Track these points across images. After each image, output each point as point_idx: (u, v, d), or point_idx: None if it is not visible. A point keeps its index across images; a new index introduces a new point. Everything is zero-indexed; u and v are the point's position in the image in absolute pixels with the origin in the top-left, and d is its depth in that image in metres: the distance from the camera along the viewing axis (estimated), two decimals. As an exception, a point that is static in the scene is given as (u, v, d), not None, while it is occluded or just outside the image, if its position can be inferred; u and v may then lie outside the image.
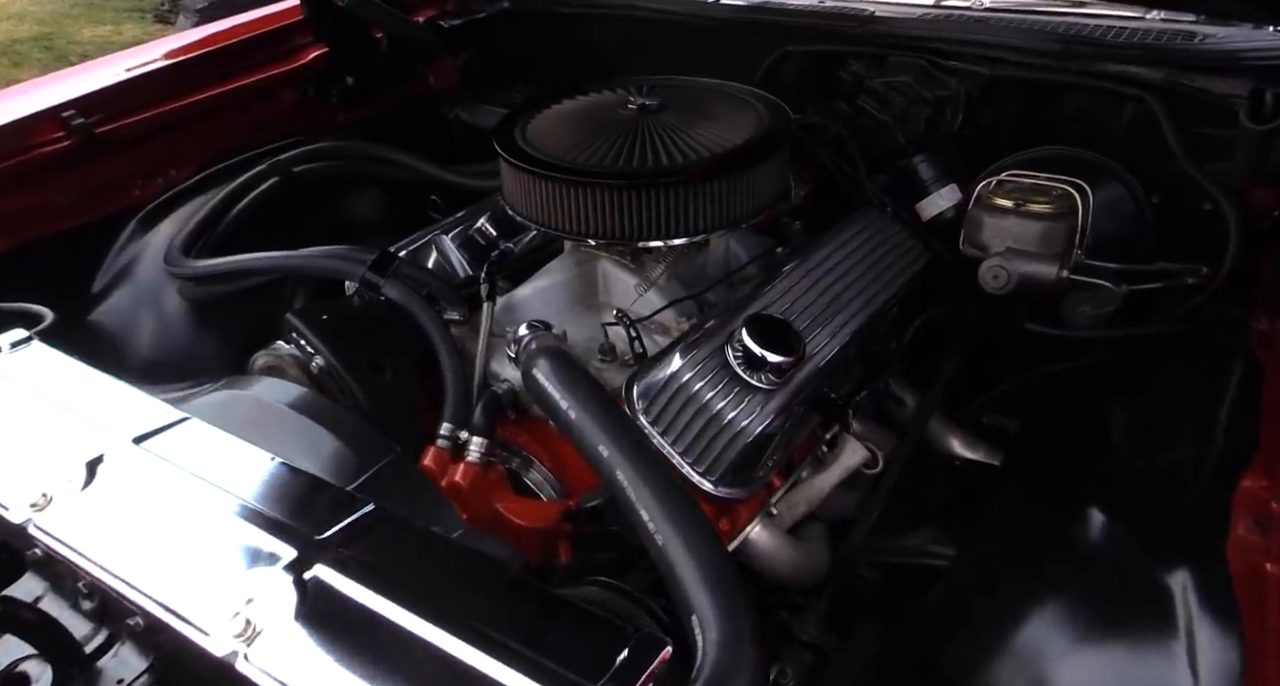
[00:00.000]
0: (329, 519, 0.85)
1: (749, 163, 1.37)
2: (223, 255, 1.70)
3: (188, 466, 0.95)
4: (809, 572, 1.37)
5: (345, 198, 2.04)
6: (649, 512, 0.88)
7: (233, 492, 0.90)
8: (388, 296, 1.39)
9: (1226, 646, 0.84)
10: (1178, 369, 1.27)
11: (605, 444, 0.94)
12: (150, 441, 0.99)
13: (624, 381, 1.31)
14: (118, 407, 1.06)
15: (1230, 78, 1.43)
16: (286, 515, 0.87)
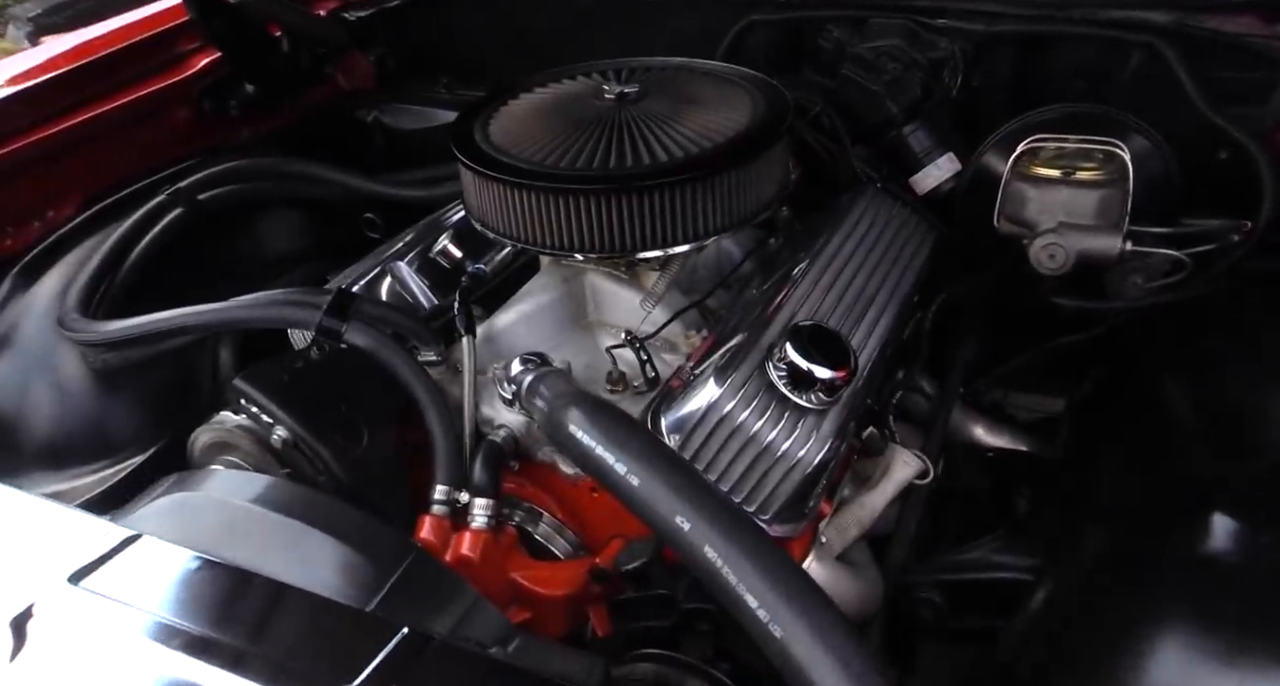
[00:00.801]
0: (357, 657, 0.65)
1: (754, 152, 1.20)
2: (128, 310, 1.44)
3: (151, 606, 0.73)
4: (872, 603, 1.22)
5: (263, 225, 1.79)
6: (758, 597, 0.71)
7: (223, 637, 0.69)
8: (352, 344, 1.16)
9: None
10: (1247, 337, 1.17)
11: (685, 514, 0.76)
12: (93, 576, 0.76)
13: (640, 413, 1.13)
14: (38, 531, 0.83)
15: (1246, 16, 1.33)
16: (303, 658, 0.67)
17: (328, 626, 0.71)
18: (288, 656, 0.69)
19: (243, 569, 0.74)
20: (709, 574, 0.75)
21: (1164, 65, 1.41)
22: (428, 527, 1.12)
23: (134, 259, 1.55)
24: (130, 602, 0.73)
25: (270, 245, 1.79)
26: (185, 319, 1.18)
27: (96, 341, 1.26)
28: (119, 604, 0.74)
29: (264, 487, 0.92)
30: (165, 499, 0.88)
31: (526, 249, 1.29)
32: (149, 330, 1.19)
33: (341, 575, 0.79)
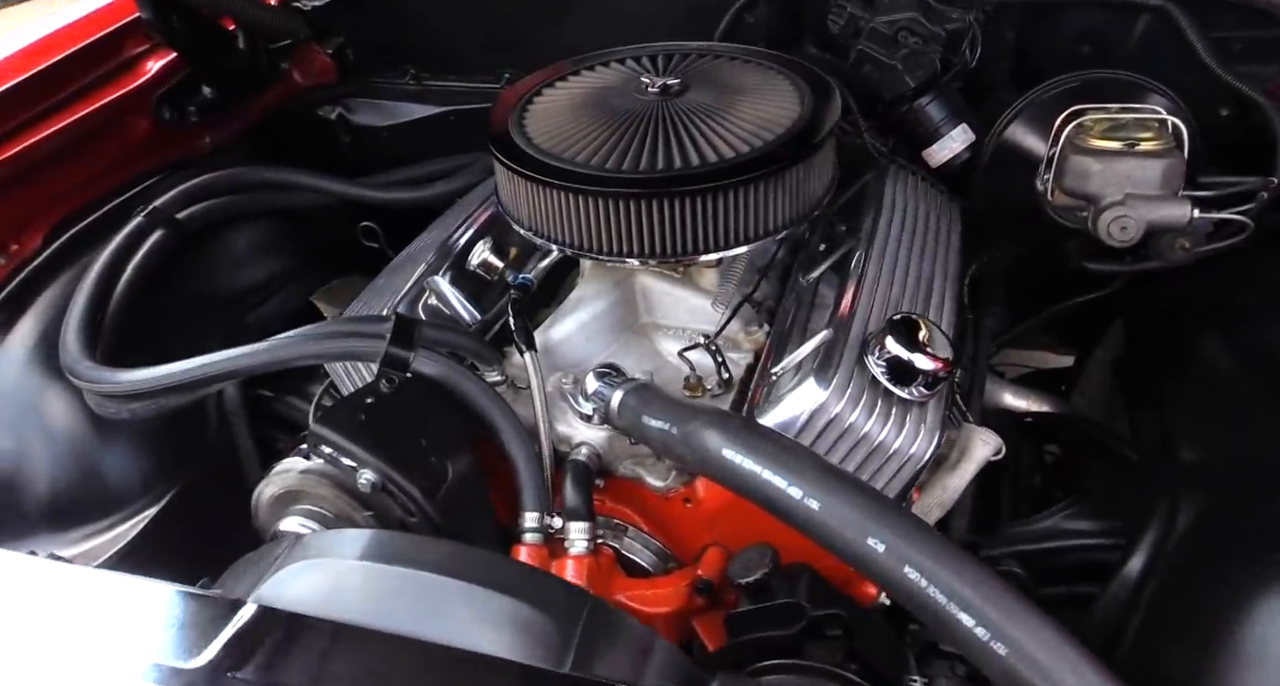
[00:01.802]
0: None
1: (815, 146, 1.17)
2: (125, 350, 1.32)
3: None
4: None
5: (250, 240, 1.66)
6: (974, 615, 0.70)
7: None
8: (420, 373, 1.09)
9: None
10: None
11: (879, 536, 0.74)
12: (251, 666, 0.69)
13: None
14: (141, 615, 0.74)
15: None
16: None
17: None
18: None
19: (434, 643, 0.69)
20: (910, 594, 0.74)
21: (1170, 28, 1.44)
22: (526, 558, 1.07)
23: (122, 291, 1.41)
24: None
25: (257, 262, 1.67)
26: (235, 362, 1.08)
27: (127, 392, 1.14)
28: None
29: (408, 546, 0.86)
30: (295, 567, 0.81)
31: (580, 255, 1.23)
32: (193, 377, 1.08)
33: (525, 636, 0.74)
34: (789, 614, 1.03)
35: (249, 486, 1.53)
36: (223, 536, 1.50)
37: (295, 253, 1.72)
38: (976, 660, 0.72)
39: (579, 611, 0.77)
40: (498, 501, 1.16)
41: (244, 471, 1.53)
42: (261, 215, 1.68)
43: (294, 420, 1.63)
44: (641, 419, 1.00)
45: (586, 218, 1.16)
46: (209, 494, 1.47)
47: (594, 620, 0.77)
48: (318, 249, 1.77)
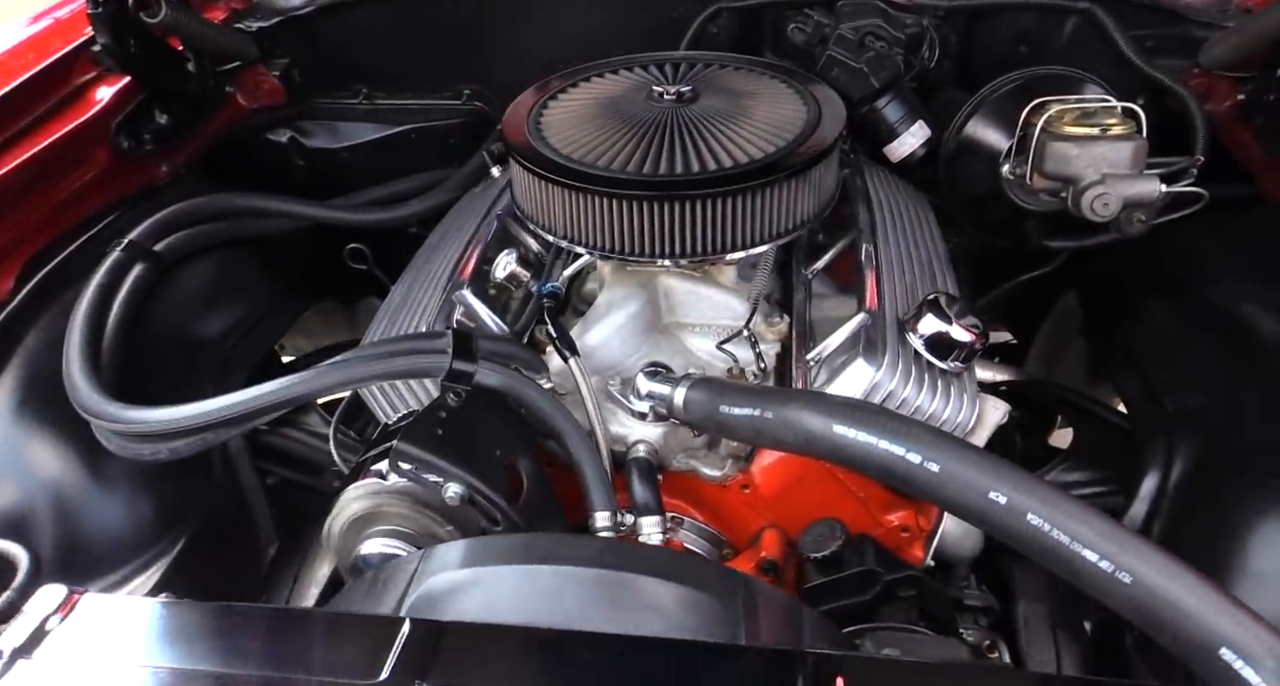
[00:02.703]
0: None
1: (832, 145, 1.24)
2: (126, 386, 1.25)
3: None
4: (979, 540, 1.34)
5: (227, 270, 1.60)
6: (1096, 549, 0.78)
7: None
8: (484, 385, 1.10)
9: None
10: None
11: (999, 488, 0.82)
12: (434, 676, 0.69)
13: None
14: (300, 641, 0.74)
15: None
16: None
17: (742, 670, 0.71)
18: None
19: (615, 635, 0.72)
20: (1032, 539, 0.82)
21: (1094, 28, 1.61)
22: (606, 557, 1.10)
23: (112, 330, 1.34)
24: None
25: (236, 293, 1.61)
26: (297, 388, 1.05)
27: (170, 430, 1.09)
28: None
29: (555, 545, 0.87)
30: (441, 580, 0.81)
31: (613, 258, 1.27)
32: (252, 408, 1.05)
33: (697, 617, 0.77)
34: (864, 581, 1.11)
35: (258, 526, 1.49)
36: (237, 579, 1.45)
37: (272, 281, 1.68)
38: (1102, 593, 0.80)
39: (736, 588, 0.81)
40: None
41: (252, 511, 1.48)
42: (235, 244, 1.63)
43: (290, 453, 1.59)
44: (719, 409, 1.05)
45: (620, 221, 1.20)
46: (220, 537, 1.41)
47: (749, 595, 0.81)
48: (292, 276, 1.73)
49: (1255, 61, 1.49)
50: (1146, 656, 1.22)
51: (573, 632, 0.73)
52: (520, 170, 1.27)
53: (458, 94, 1.86)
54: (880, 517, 1.20)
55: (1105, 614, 1.31)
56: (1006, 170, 1.52)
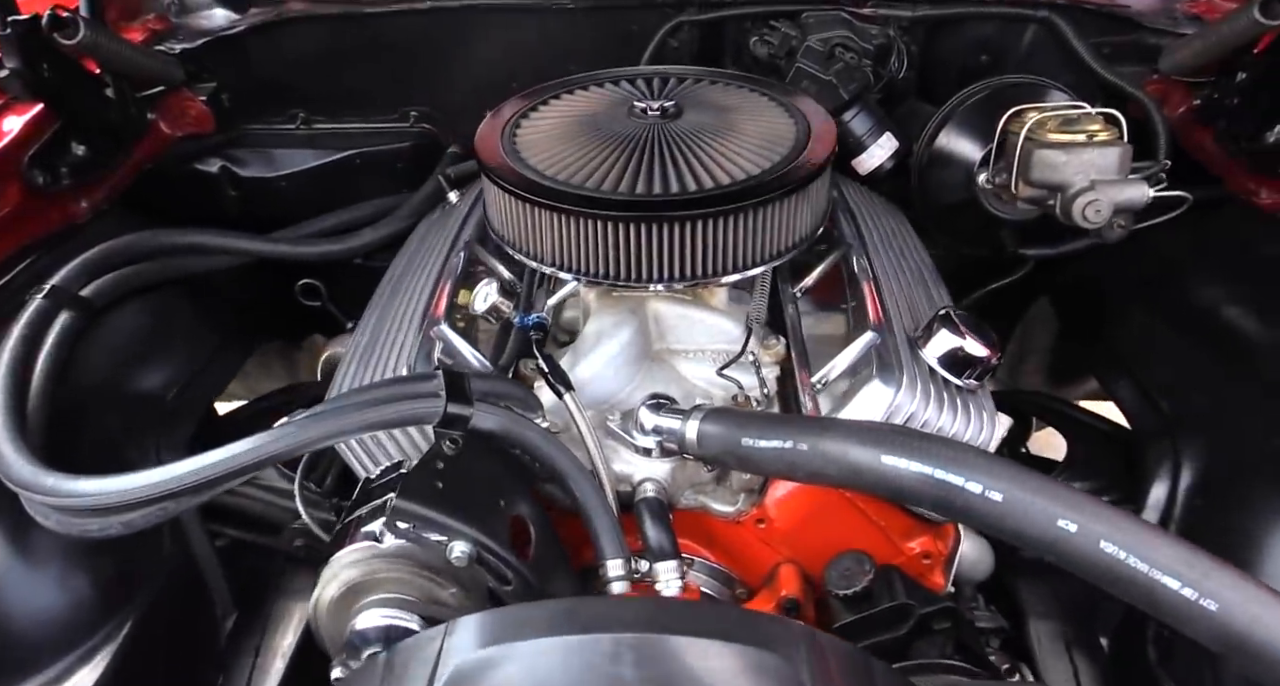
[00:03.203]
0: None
1: (826, 162, 1.19)
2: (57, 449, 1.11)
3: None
4: (992, 562, 1.30)
5: (162, 314, 1.46)
6: (1178, 577, 0.74)
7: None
8: (480, 429, 1.00)
9: None
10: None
11: (1068, 516, 0.77)
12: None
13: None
14: None
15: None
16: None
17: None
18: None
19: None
20: (1107, 568, 0.77)
21: (1053, 36, 1.61)
22: (623, 609, 1.01)
23: (37, 388, 1.19)
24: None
25: (175, 339, 1.46)
26: (276, 445, 0.93)
27: (123, 501, 0.95)
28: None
29: (598, 610, 0.77)
30: (475, 660, 0.71)
31: (601, 285, 1.19)
32: (225, 470, 0.92)
33: (764, 678, 0.69)
34: (898, 615, 1.05)
35: (212, 597, 1.35)
36: (192, 660, 1.31)
37: (213, 323, 1.53)
38: (1182, 622, 0.76)
39: (799, 643, 0.73)
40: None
41: (205, 581, 1.34)
42: (170, 284, 1.48)
43: (243, 511, 1.45)
44: (740, 443, 0.97)
45: (610, 244, 1.13)
46: (171, 615, 1.26)
47: (814, 649, 0.74)
48: (234, 317, 1.59)
49: (1212, 67, 1.52)
50: (1169, 669, 1.20)
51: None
52: (499, 193, 1.19)
53: (404, 116, 1.76)
54: (902, 546, 1.14)
55: (1121, 629, 1.30)
56: (983, 179, 1.51)
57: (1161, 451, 1.27)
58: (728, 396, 1.23)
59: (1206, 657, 1.17)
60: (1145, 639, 1.24)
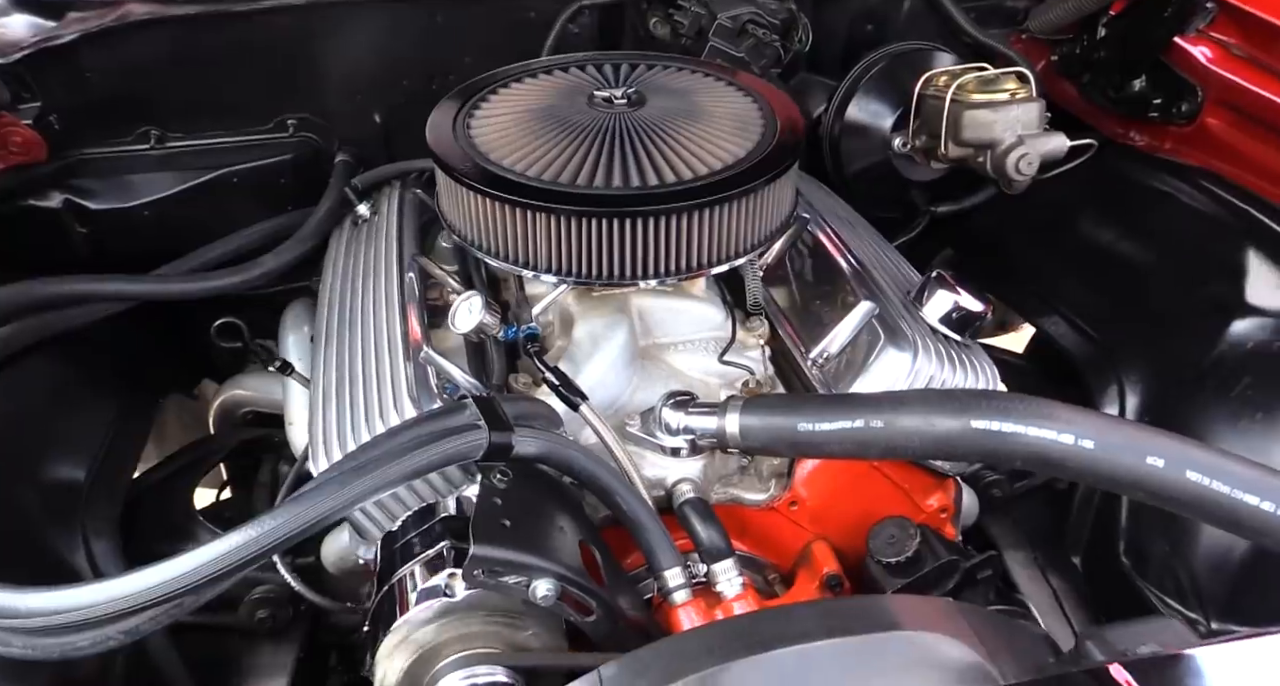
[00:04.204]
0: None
1: (799, 145, 1.19)
2: None
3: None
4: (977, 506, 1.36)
5: (56, 376, 1.24)
6: (1258, 493, 0.80)
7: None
8: (524, 455, 0.92)
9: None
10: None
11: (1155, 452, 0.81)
12: None
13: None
14: None
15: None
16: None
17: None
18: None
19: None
20: (1194, 495, 0.81)
21: (928, 3, 1.70)
22: (696, 616, 0.97)
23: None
24: None
25: (66, 404, 1.24)
26: (307, 514, 0.79)
27: (122, 609, 0.79)
28: None
29: (762, 624, 0.72)
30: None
31: (589, 284, 1.13)
32: (242, 557, 0.77)
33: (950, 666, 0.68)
34: (946, 572, 1.08)
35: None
36: None
37: (111, 382, 1.32)
38: (1264, 534, 0.82)
39: (962, 623, 0.73)
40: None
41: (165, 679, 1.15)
42: (48, 343, 1.26)
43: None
44: (796, 428, 0.95)
45: (599, 242, 1.07)
46: None
47: (973, 622, 0.74)
48: (131, 371, 1.38)
49: (1071, 26, 1.65)
50: (1144, 575, 1.32)
51: None
52: (471, 195, 1.09)
53: (280, 125, 1.58)
54: (922, 504, 1.17)
55: (1091, 547, 1.41)
56: (898, 144, 1.57)
57: (1105, 377, 1.38)
58: (724, 384, 1.21)
59: (1177, 559, 1.30)
60: (1117, 552, 1.35)
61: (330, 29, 1.53)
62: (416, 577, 0.89)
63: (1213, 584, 1.25)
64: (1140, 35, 1.52)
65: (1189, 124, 1.49)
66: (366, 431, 1.02)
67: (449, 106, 1.22)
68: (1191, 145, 1.50)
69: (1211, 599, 1.24)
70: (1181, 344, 1.34)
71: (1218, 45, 1.45)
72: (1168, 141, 1.54)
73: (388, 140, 1.64)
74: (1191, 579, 1.27)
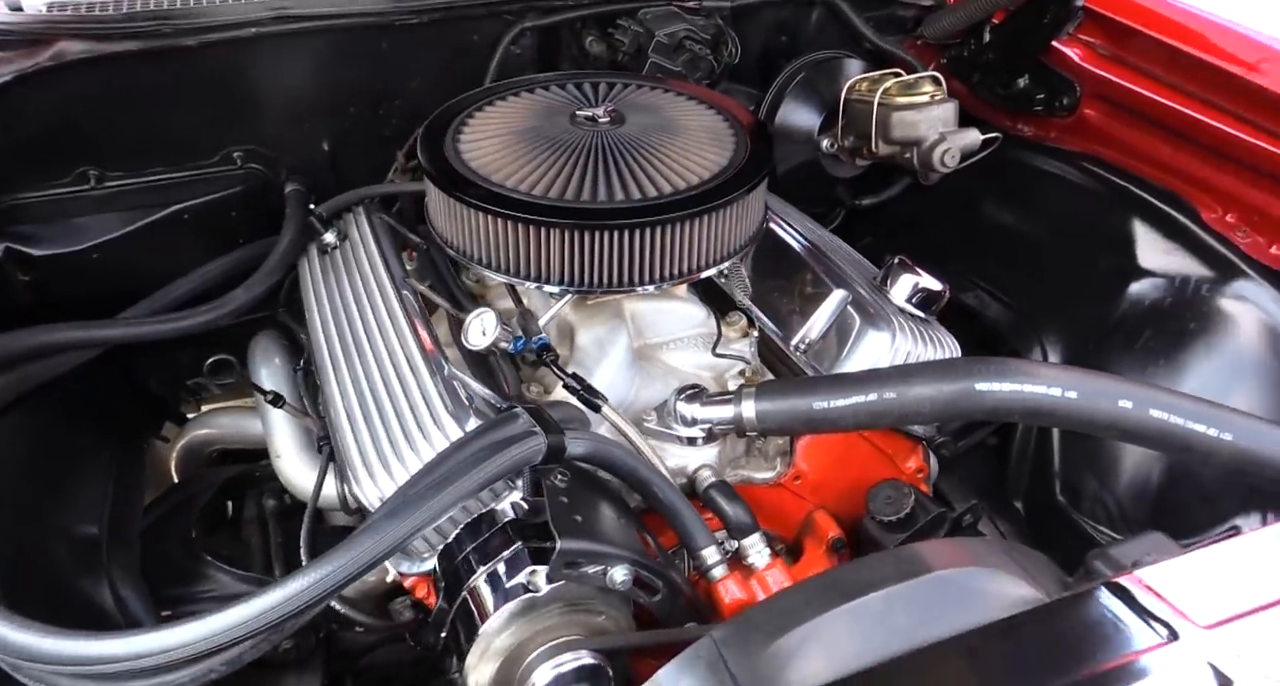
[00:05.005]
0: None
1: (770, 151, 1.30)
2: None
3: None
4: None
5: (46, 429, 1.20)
6: (1204, 422, 0.96)
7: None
8: (575, 455, 0.99)
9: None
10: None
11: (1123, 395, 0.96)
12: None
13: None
14: None
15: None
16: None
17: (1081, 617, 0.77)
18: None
19: (971, 629, 0.74)
20: (1156, 428, 0.97)
21: (834, 15, 1.85)
22: (736, 588, 1.07)
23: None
24: None
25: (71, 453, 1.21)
26: (409, 524, 0.84)
27: (245, 632, 0.80)
28: None
29: (853, 574, 0.81)
30: (765, 658, 0.73)
31: (590, 292, 1.21)
32: (358, 566, 0.81)
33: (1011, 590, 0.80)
34: (937, 523, 1.22)
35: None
36: None
37: (90, 431, 1.29)
38: (1211, 455, 0.98)
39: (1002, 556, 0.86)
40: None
41: None
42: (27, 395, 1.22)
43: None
44: (812, 407, 1.06)
45: (599, 252, 1.15)
46: None
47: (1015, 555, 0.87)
48: (101, 419, 1.34)
49: (962, 32, 1.84)
50: (1080, 509, 1.50)
51: (935, 645, 0.72)
52: (476, 214, 1.14)
53: (227, 158, 1.57)
54: (903, 466, 1.31)
55: (1030, 491, 1.59)
56: (826, 145, 1.72)
57: (1029, 340, 1.57)
58: (715, 376, 1.31)
59: (1106, 491, 1.49)
60: (1054, 492, 1.53)
61: (274, 59, 1.53)
62: (501, 578, 0.94)
63: (1137, 509, 1.45)
64: (1022, 40, 1.72)
65: (1070, 115, 1.70)
66: (409, 449, 1.06)
67: (435, 130, 1.26)
68: (1073, 134, 1.72)
69: (1136, 521, 1.44)
70: (1089, 306, 1.54)
71: (1087, 46, 1.67)
72: (1052, 131, 1.75)
73: (336, 166, 1.65)
74: (1119, 506, 1.46)
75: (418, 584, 1.14)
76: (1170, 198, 1.53)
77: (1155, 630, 0.73)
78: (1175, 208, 1.52)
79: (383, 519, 0.86)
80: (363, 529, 0.86)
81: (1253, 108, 1.42)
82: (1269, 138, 1.41)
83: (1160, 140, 1.57)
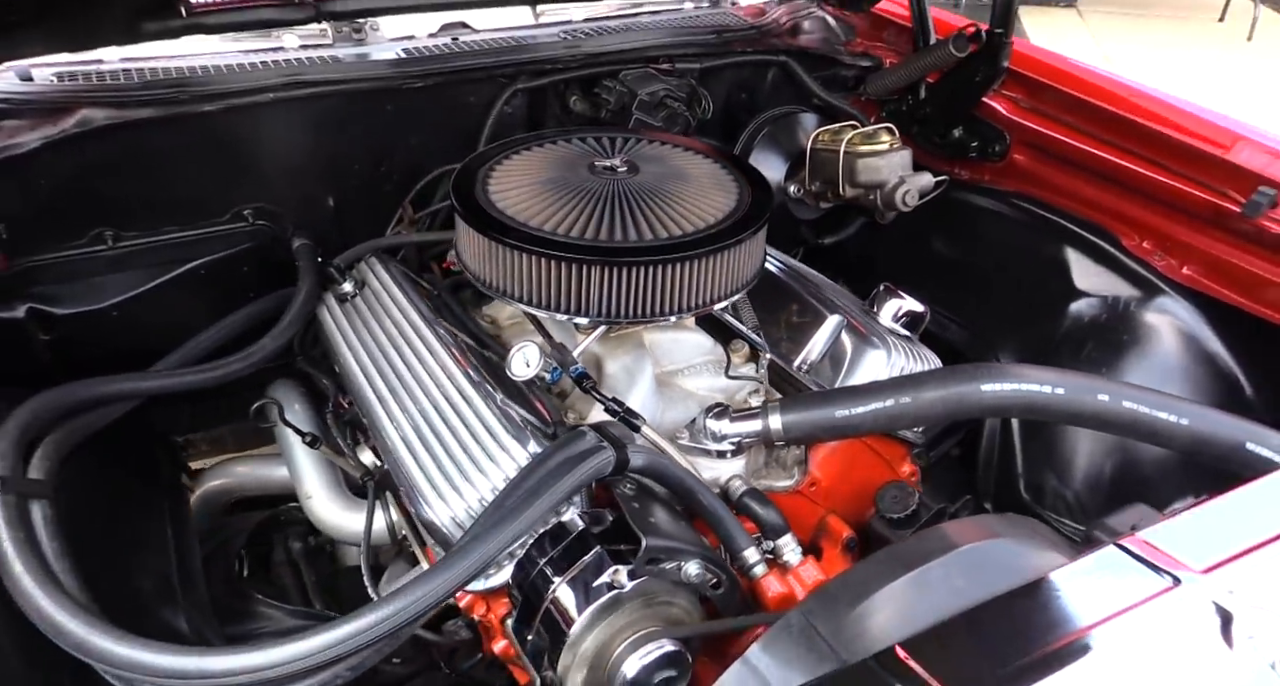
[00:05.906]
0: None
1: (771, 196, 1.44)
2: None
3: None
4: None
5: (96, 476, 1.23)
6: (1168, 411, 1.13)
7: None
8: (637, 467, 1.10)
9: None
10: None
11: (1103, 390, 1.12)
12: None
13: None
14: None
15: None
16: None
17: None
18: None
19: (1020, 586, 0.88)
20: (1129, 417, 1.14)
21: (787, 75, 2.05)
22: (777, 586, 1.19)
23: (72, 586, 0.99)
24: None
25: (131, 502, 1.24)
26: (508, 533, 0.92)
27: (374, 637, 0.86)
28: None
29: (910, 551, 0.94)
30: (848, 623, 0.85)
31: (619, 323, 1.32)
32: (463, 577, 0.89)
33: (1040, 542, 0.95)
34: (938, 517, 1.36)
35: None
36: None
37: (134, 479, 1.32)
38: (1172, 438, 1.16)
39: (1023, 528, 1.01)
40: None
41: None
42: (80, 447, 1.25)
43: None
44: (834, 415, 1.20)
45: (633, 287, 1.27)
46: None
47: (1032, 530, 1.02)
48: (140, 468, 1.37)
49: (900, 89, 2.06)
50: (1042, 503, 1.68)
51: (989, 602, 0.86)
52: (519, 256, 1.25)
53: (238, 216, 1.63)
54: (898, 470, 1.46)
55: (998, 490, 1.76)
56: (793, 190, 1.89)
57: (985, 357, 1.76)
58: (730, 396, 1.44)
59: (1064, 486, 1.67)
60: (1019, 490, 1.71)
61: (284, 122, 1.62)
62: (583, 581, 1.03)
63: (1092, 499, 1.63)
64: (956, 96, 1.94)
65: (1001, 161, 1.93)
66: (477, 472, 1.14)
67: (465, 181, 1.37)
68: (1006, 176, 1.94)
69: (1093, 510, 1.63)
70: (1036, 324, 1.74)
71: (1013, 101, 1.90)
72: (987, 174, 1.98)
73: (340, 221, 1.73)
74: (1077, 499, 1.65)
75: (475, 602, 1.21)
76: (1095, 229, 1.76)
77: (1162, 577, 0.88)
78: (1101, 237, 1.75)
79: (492, 529, 0.95)
80: (468, 537, 0.94)
81: (1156, 150, 1.66)
82: (1172, 175, 1.65)
83: (1082, 180, 1.81)
